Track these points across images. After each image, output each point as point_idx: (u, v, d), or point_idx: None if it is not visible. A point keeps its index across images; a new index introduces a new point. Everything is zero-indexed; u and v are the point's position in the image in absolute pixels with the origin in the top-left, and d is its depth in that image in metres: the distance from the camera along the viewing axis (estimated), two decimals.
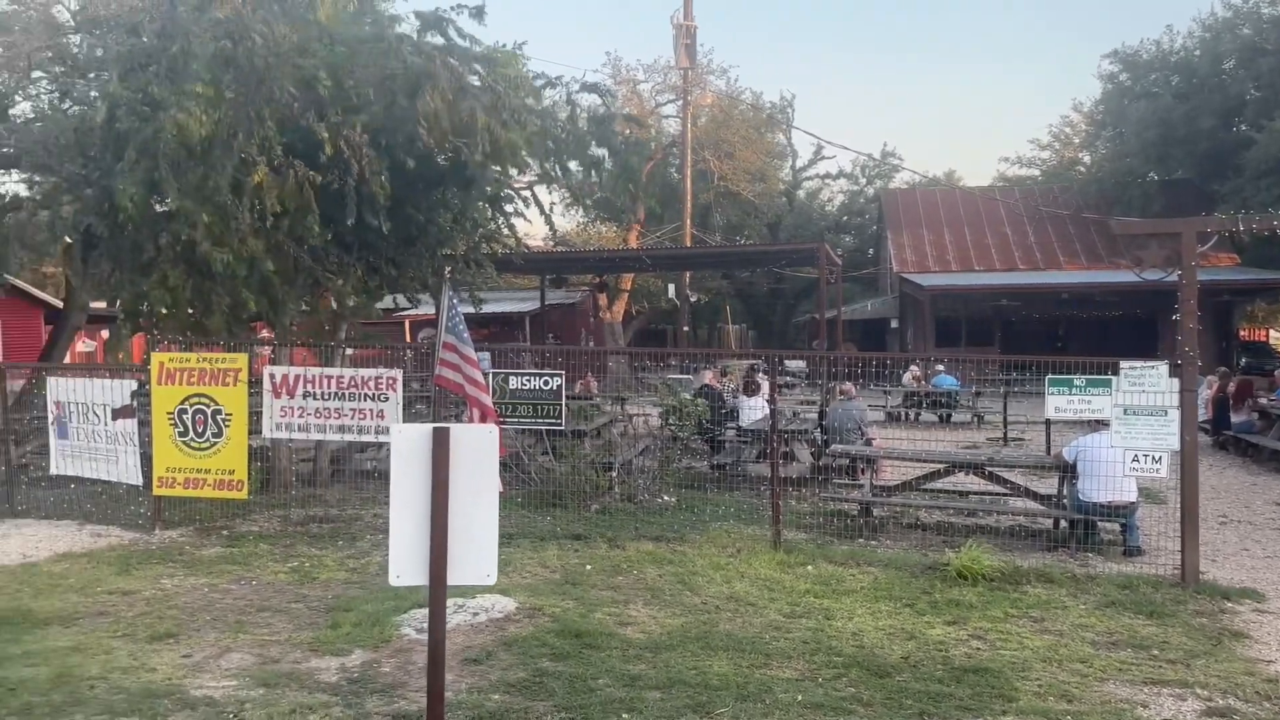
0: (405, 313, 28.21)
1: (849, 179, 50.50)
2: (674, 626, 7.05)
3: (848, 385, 14.11)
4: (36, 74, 15.71)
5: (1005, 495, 11.01)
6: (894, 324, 38.41)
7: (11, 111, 16.71)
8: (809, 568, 8.80)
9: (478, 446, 3.80)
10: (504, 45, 12.08)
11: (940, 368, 21.88)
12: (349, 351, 13.86)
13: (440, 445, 3.75)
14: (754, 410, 14.52)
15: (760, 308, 50.08)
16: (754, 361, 19.82)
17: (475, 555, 3.77)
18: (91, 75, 14.31)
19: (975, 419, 19.99)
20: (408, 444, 3.78)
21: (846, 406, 13.50)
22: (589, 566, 8.84)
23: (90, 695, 5.66)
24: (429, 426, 3.81)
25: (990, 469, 10.88)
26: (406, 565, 3.77)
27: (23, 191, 18.87)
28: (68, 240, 16.69)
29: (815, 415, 15.11)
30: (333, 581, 8.39)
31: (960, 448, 14.21)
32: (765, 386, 14.86)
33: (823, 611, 7.45)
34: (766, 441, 11.32)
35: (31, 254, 18.25)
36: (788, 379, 22.45)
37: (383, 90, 10.85)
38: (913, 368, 23.14)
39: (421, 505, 3.76)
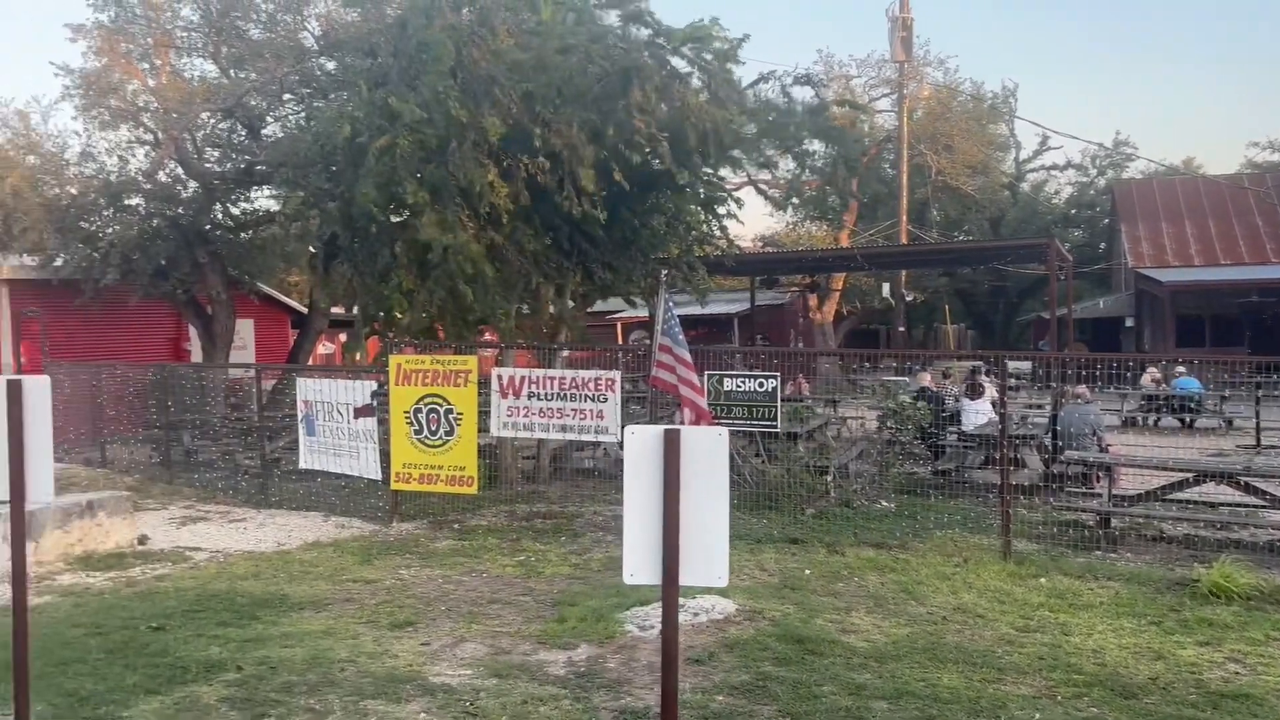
0: (617, 315, 28.76)
1: (1078, 170, 47.75)
2: (899, 636, 6.85)
3: (1081, 388, 13.33)
4: (286, 96, 16.99)
5: (1263, 507, 10.11)
6: (1129, 322, 36.04)
7: (264, 132, 18.19)
8: (1042, 580, 8.36)
9: (708, 449, 3.80)
10: (702, 20, 12.10)
11: (1181, 369, 20.38)
12: (565, 354, 14.27)
13: (671, 447, 3.77)
14: (978, 414, 13.97)
15: (981, 307, 48.11)
16: (976, 363, 19.06)
17: (707, 557, 3.77)
18: (331, 96, 15.38)
19: (1224, 424, 18.51)
20: (640, 445, 3.82)
21: (1081, 410, 12.76)
22: (808, 571, 8.73)
23: (341, 677, 6.05)
24: (660, 428, 3.83)
25: (1246, 479, 10.01)
26: (640, 564, 3.81)
27: (273, 206, 20.53)
28: (311, 250, 18.01)
29: (1045, 419, 14.36)
30: (557, 576, 8.64)
31: (1207, 455, 13.16)
32: (990, 389, 14.26)
33: (1058, 626, 7.06)
34: (992, 446, 10.84)
35: (282, 263, 19.82)
36: (1013, 381, 21.42)
37: (595, 87, 11.13)
38: (1151, 369, 21.65)
39: (654, 506, 3.79)
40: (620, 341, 32.39)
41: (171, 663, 6.29)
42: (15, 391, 4.65)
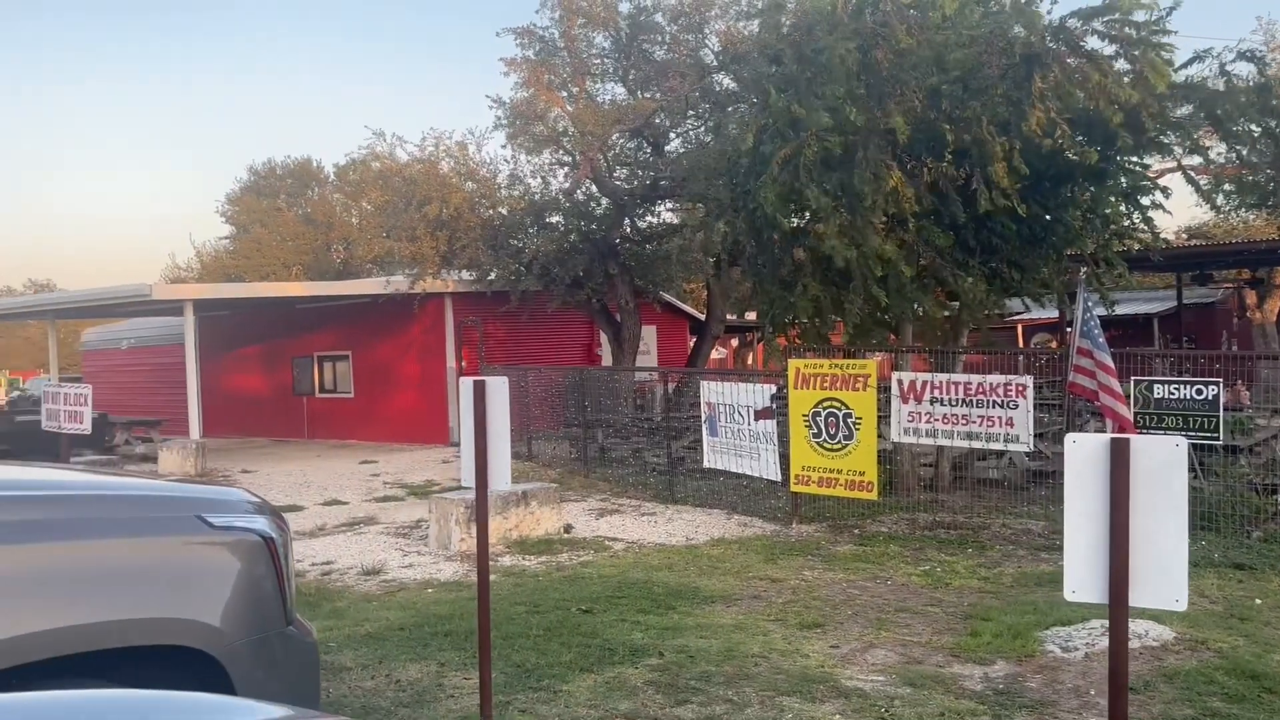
0: (1018, 317, 27.27)
1: None
2: None
3: None
4: (689, 113, 17.83)
5: None
6: None
7: (667, 148, 19.22)
8: None
9: (1164, 460, 3.49)
10: None
11: None
12: (963, 358, 13.74)
13: (1119, 457, 3.51)
14: None
15: None
16: None
17: (1162, 577, 3.47)
18: (730, 109, 15.91)
19: None
20: (1083, 454, 3.59)
21: None
22: (1258, 600, 7.76)
23: (755, 672, 6.22)
24: (1105, 437, 3.58)
25: None
26: (1082, 581, 3.58)
27: (674, 220, 21.65)
28: (711, 259, 18.75)
29: None
30: (966, 589, 8.34)
31: None
32: None
33: None
34: None
35: (681, 272, 20.84)
36: None
37: (998, 79, 10.63)
38: None
39: (1098, 520, 3.54)
40: (1021, 345, 30.66)
41: (600, 644, 6.78)
42: (480, 390, 5.25)
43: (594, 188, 19.99)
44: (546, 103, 18.77)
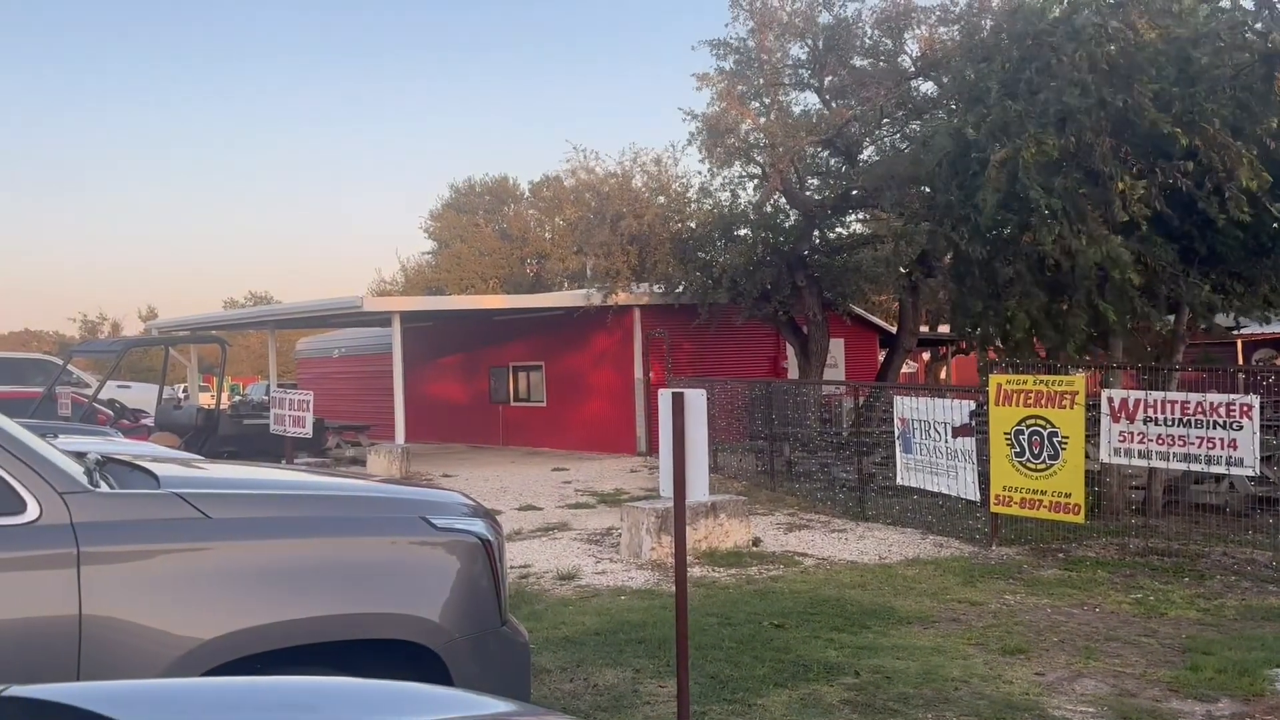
0: (1237, 332, 25.44)
1: None
2: None
3: None
4: (884, 120, 17.55)
5: None
6: None
7: (859, 157, 18.96)
8: None
9: None
10: None
11: None
12: (1178, 375, 12.91)
13: None
14: None
15: None
16: None
17: None
18: (927, 115, 15.55)
19: None
20: None
21: None
22: None
23: (955, 696, 6.05)
24: None
25: None
26: None
27: (864, 230, 21.31)
28: (903, 270, 18.34)
29: None
30: (1183, 620, 7.85)
31: None
32: None
33: None
34: None
35: (875, 285, 20.48)
36: None
37: (1234, 80, 9.99)
38: None
39: None
40: (1240, 362, 28.56)
41: (794, 660, 6.75)
42: (679, 402, 5.34)
43: (783, 200, 19.93)
44: (739, 115, 18.87)
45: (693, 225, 20.60)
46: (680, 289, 20.69)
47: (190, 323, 26.49)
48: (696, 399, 5.36)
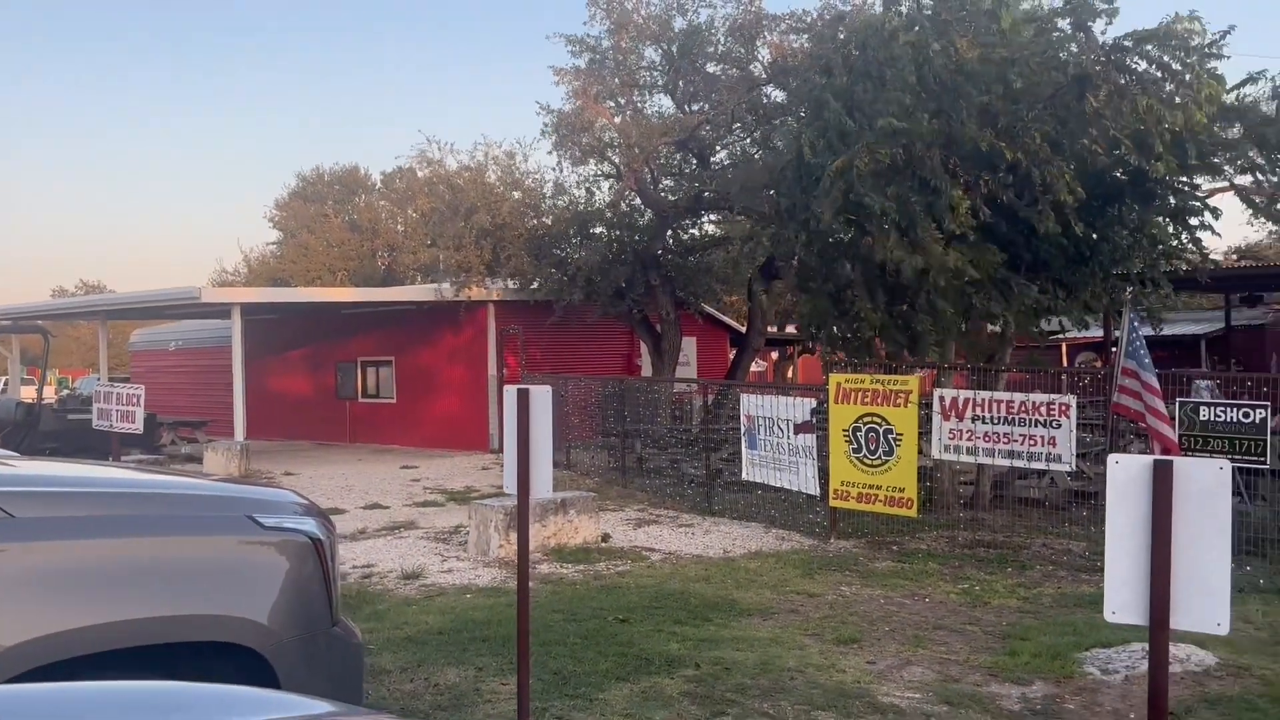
0: (1061, 336, 26.99)
1: None
2: None
3: None
4: (735, 125, 17.90)
5: None
6: None
7: (712, 160, 19.29)
8: None
9: (1207, 483, 3.48)
10: (1171, 17, 11.02)
11: None
12: (1005, 375, 13.63)
13: (1162, 480, 3.50)
14: None
15: None
16: None
17: (1205, 601, 3.45)
18: (777, 121, 15.94)
19: None
20: (1125, 475, 3.59)
21: None
22: None
23: (790, 685, 6.23)
24: (1149, 459, 3.58)
25: None
26: (1123, 603, 3.57)
27: (717, 232, 21.70)
28: (752, 271, 18.76)
29: None
30: (1005, 608, 8.28)
31: None
32: None
33: None
34: None
35: (727, 285, 20.88)
36: None
37: (1052, 99, 10.61)
38: None
39: (1140, 542, 3.54)
40: (1065, 364, 30.32)
41: (636, 653, 6.82)
42: (524, 399, 5.32)
43: (637, 199, 20.09)
44: (593, 114, 18.91)
45: (548, 221, 20.56)
46: (535, 285, 20.63)
47: (12, 312, 24.89)
48: (541, 395, 5.35)
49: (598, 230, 20.43)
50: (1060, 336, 27.41)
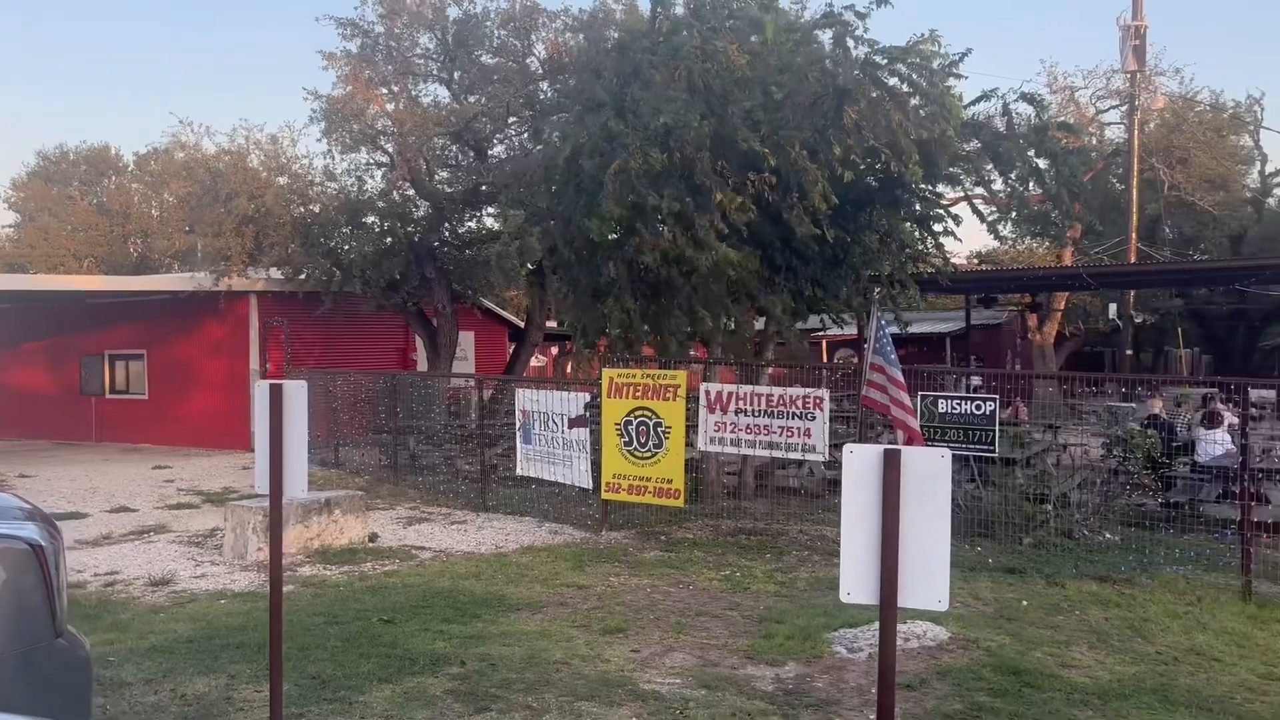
0: (821, 334, 28.45)
1: None
2: (1125, 674, 6.50)
3: None
4: (511, 119, 17.83)
5: None
6: None
7: (490, 153, 19.14)
8: None
9: (931, 470, 3.76)
10: (919, 36, 11.88)
11: None
12: (769, 371, 14.26)
13: (891, 467, 3.76)
14: (1214, 444, 13.01)
15: (1218, 330, 44.63)
16: (1209, 390, 17.72)
17: (927, 580, 3.73)
18: (554, 117, 16.00)
19: None
20: (860, 464, 3.82)
21: None
22: (1025, 602, 8.39)
23: (556, 677, 6.28)
24: (880, 448, 3.82)
25: None
26: (857, 584, 3.80)
27: (496, 225, 21.54)
28: (529, 267, 18.76)
29: None
30: (763, 593, 8.66)
31: None
32: (1228, 418, 13.27)
33: None
34: (1230, 479, 10.09)
35: (503, 279, 20.75)
36: (1254, 411, 19.81)
37: (811, 107, 11.17)
38: None
39: (872, 526, 3.78)
40: (825, 360, 32.01)
41: (401, 654, 6.70)
42: (276, 395, 5.11)
43: (412, 190, 19.67)
44: (365, 100, 18.36)
45: (316, 209, 19.78)
46: (303, 276, 19.82)
47: None
48: (296, 391, 5.15)
49: (370, 220, 19.85)
50: (822, 334, 28.83)
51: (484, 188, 18.79)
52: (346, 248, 19.11)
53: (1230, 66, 75.46)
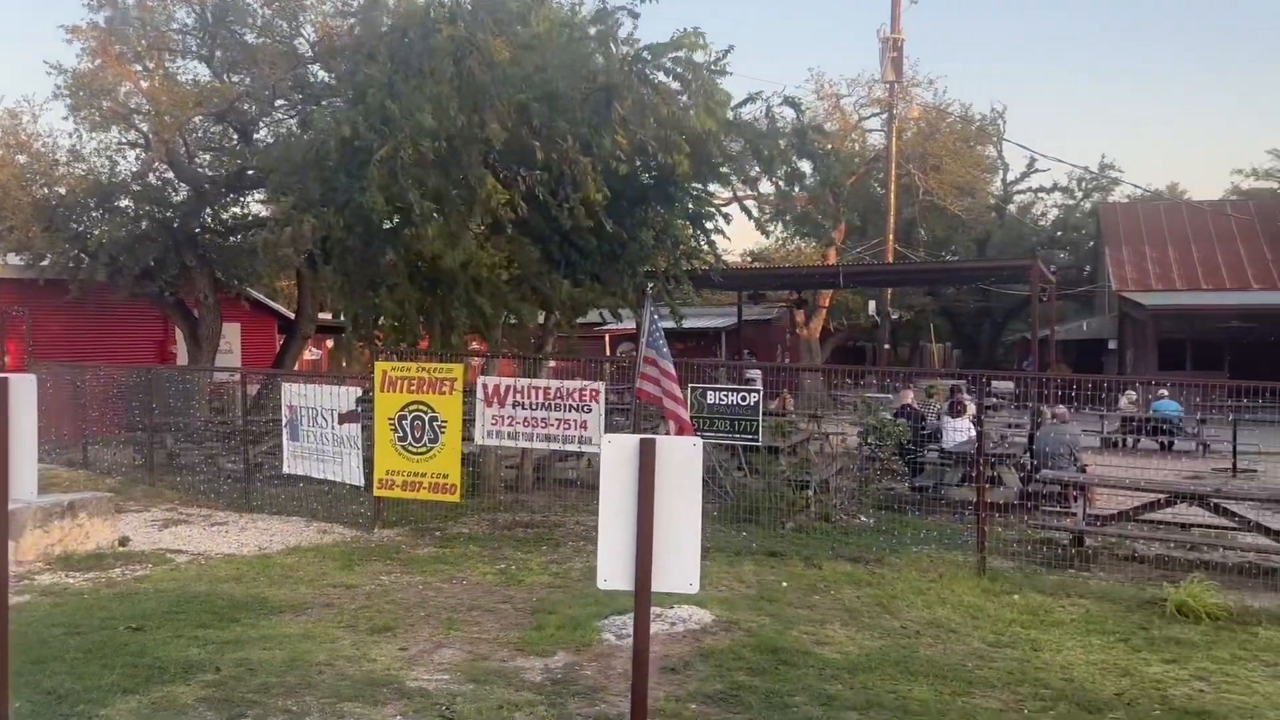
0: (605, 328, 28.85)
1: (1064, 193, 48.05)
2: (872, 649, 6.94)
3: (1061, 409, 13.46)
4: (279, 102, 17.06)
5: (1234, 530, 10.25)
6: (1111, 345, 36.31)
7: (255, 137, 18.24)
8: (1015, 597, 8.47)
9: (684, 458, 3.90)
10: (688, 29, 12.19)
11: (1164, 392, 20.55)
12: (550, 364, 14.34)
13: (647, 456, 3.87)
14: (958, 432, 14.08)
15: (966, 326, 48.42)
16: (956, 382, 19.18)
17: (679, 564, 3.87)
18: (325, 102, 15.44)
19: (1200, 448, 18.68)
20: (617, 453, 3.92)
21: (1059, 430, 12.89)
22: (785, 584, 8.81)
23: (318, 680, 6.10)
24: (637, 437, 3.93)
25: (1218, 501, 10.16)
26: (613, 570, 3.90)
27: (263, 211, 20.54)
28: (301, 256, 18.01)
29: (1024, 439, 14.50)
30: (537, 585, 8.70)
31: (1182, 478, 13.34)
32: (971, 407, 14.38)
33: (1029, 642, 7.17)
34: (970, 464, 10.96)
35: (273, 268, 19.82)
36: (994, 400, 21.59)
37: (584, 103, 11.31)
38: (1129, 392, 21.83)
39: (629, 513, 3.89)
40: (609, 354, 32.45)
41: (149, 663, 6.32)
42: (1, 390, 4.70)
43: (170, 172, 18.48)
44: (117, 76, 17.09)
45: (61, 191, 18.26)
46: (46, 261, 18.29)
47: None
48: (23, 385, 4.75)
49: (124, 204, 18.50)
50: (605, 328, 29.18)
51: (250, 172, 17.88)
52: (96, 232, 17.74)
53: (977, 78, 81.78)
